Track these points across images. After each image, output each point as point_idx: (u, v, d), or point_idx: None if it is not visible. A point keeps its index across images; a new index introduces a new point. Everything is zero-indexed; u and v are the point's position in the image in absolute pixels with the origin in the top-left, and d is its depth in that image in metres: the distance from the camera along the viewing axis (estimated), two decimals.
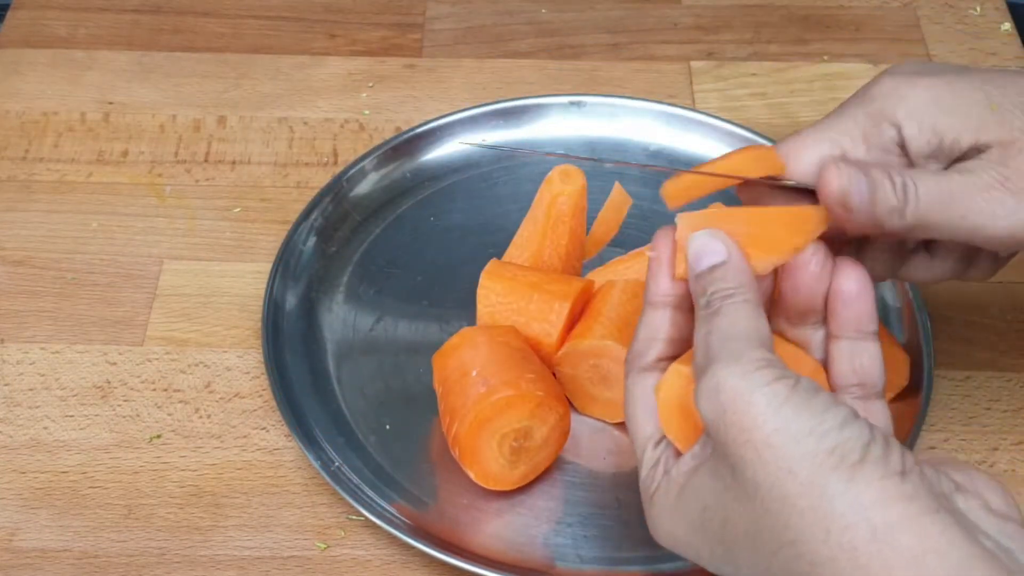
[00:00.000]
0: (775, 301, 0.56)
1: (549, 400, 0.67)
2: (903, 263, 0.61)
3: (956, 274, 0.61)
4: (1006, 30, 0.98)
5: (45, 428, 0.73)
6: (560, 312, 0.71)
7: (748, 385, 0.48)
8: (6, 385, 0.75)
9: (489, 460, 0.67)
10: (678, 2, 1.01)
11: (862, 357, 0.54)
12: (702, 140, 0.86)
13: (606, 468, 0.71)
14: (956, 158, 0.57)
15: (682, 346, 0.56)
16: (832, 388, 0.55)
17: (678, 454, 0.53)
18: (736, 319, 0.51)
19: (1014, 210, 0.55)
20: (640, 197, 0.82)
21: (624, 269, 0.76)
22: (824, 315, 0.55)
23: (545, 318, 0.71)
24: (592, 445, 0.72)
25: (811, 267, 0.54)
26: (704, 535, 0.51)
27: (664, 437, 0.54)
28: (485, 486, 0.68)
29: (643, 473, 0.55)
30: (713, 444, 0.50)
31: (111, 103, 0.92)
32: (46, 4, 1.00)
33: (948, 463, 0.50)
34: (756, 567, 0.49)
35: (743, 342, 0.50)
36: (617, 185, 0.81)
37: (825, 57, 0.96)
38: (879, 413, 0.54)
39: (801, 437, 0.47)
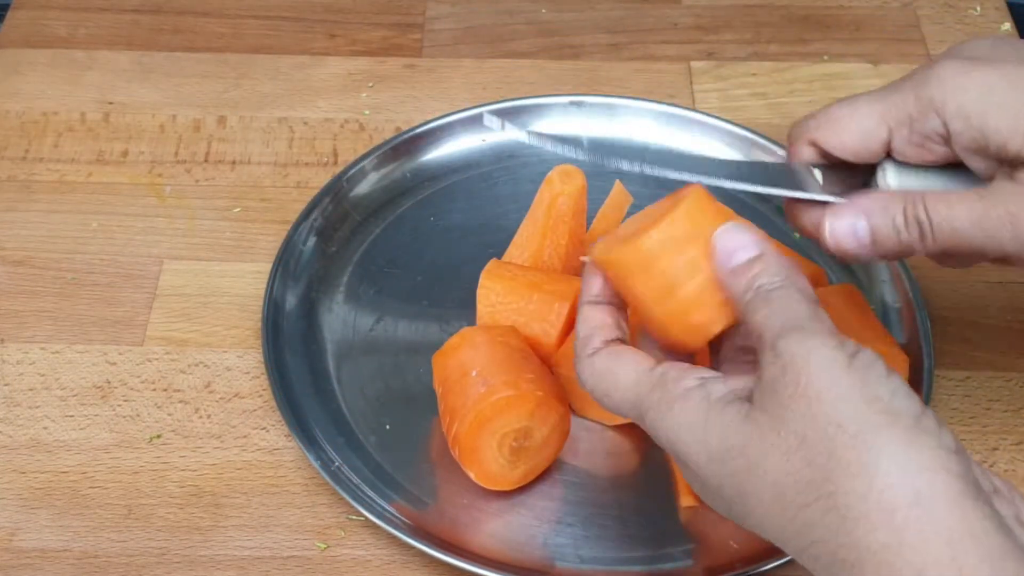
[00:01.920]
0: None
1: (549, 400, 0.67)
2: None
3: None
4: (1006, 30, 0.98)
5: (45, 428, 0.73)
6: (560, 312, 0.71)
7: (808, 349, 0.48)
8: (6, 385, 0.75)
9: (489, 460, 0.67)
10: (678, 2, 1.01)
11: None
12: (702, 140, 0.86)
13: (605, 469, 0.71)
14: (1004, 162, 0.56)
15: (620, 331, 0.57)
16: None
17: (688, 369, 0.53)
18: (793, 303, 0.51)
19: None
20: (640, 196, 0.82)
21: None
22: None
23: (545, 318, 0.71)
24: (591, 446, 0.72)
25: None
26: (718, 468, 0.50)
27: (658, 365, 0.54)
28: (485, 486, 0.68)
29: (648, 391, 0.53)
30: (760, 398, 0.49)
31: (111, 103, 0.92)
32: (46, 4, 1.00)
33: (989, 472, 0.50)
34: (771, 520, 0.49)
35: (806, 318, 0.50)
36: (617, 184, 0.81)
37: (825, 57, 0.96)
38: None
39: (854, 397, 0.47)
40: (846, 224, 0.56)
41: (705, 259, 0.54)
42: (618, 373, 0.55)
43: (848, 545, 0.46)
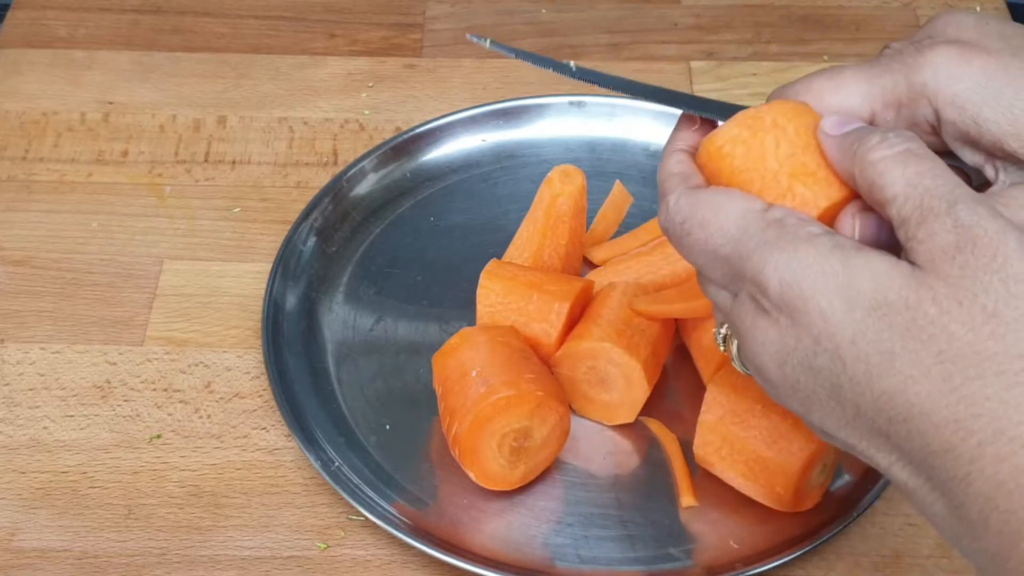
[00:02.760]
0: None
1: (549, 400, 0.67)
2: None
3: None
4: None
5: (45, 428, 0.73)
6: (560, 312, 0.71)
7: (1001, 225, 0.46)
8: (6, 385, 0.75)
9: (489, 460, 0.67)
10: (678, 2, 1.01)
11: None
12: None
13: (605, 469, 0.71)
14: (996, 157, 0.54)
15: None
16: None
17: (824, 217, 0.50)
18: (941, 167, 0.48)
19: None
20: (640, 196, 0.82)
21: (624, 270, 0.76)
22: None
23: (545, 318, 0.71)
24: (591, 446, 0.72)
25: None
26: (864, 318, 0.46)
27: (767, 207, 0.50)
28: (485, 486, 0.68)
29: (761, 228, 0.49)
30: (934, 261, 0.46)
31: (111, 103, 0.92)
32: (46, 4, 1.00)
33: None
34: (920, 381, 0.45)
35: (967, 189, 0.47)
36: (618, 183, 0.81)
37: (825, 57, 0.96)
38: None
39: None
40: (871, 223, 0.51)
41: (805, 137, 0.52)
42: (722, 204, 0.51)
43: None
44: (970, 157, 0.55)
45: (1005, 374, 0.44)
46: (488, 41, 0.60)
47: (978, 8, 1.00)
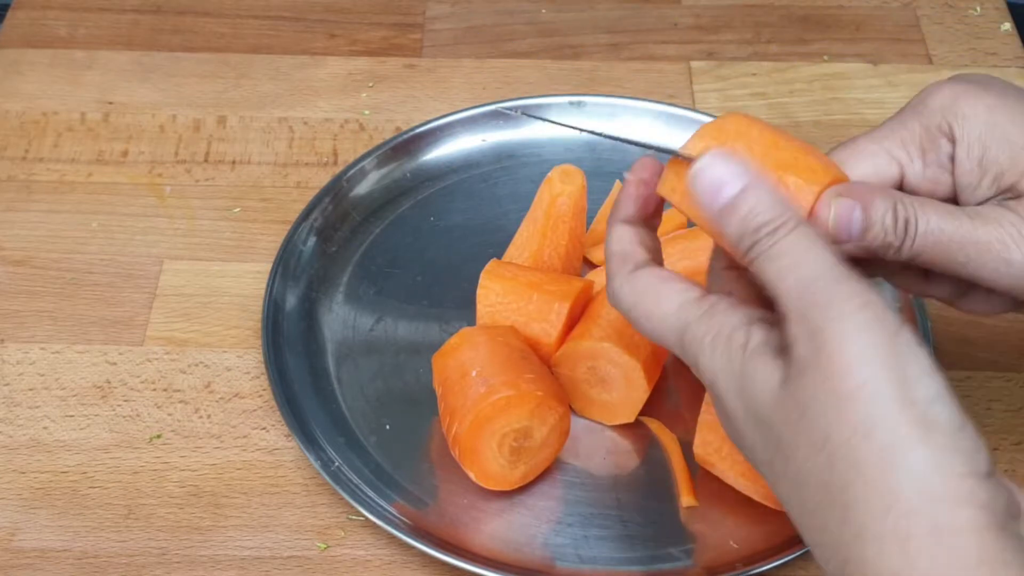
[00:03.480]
0: None
1: (549, 400, 0.67)
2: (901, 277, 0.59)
3: (953, 300, 0.59)
4: (1006, 30, 0.98)
5: (45, 428, 0.73)
6: (560, 312, 0.71)
7: (843, 328, 0.45)
8: (6, 385, 0.75)
9: (489, 460, 0.67)
10: (678, 2, 1.01)
11: None
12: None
13: (605, 469, 0.71)
14: (998, 192, 0.55)
15: (657, 253, 0.55)
16: None
17: (736, 307, 0.50)
18: (802, 256, 0.47)
19: (1021, 268, 0.52)
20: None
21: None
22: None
23: (545, 318, 0.71)
24: (591, 446, 0.72)
25: None
26: (754, 431, 0.48)
27: (707, 295, 0.51)
28: (485, 486, 0.68)
29: (695, 320, 0.50)
30: (792, 372, 0.46)
31: (111, 103, 0.92)
32: (46, 4, 1.00)
33: (1013, 485, 0.47)
34: (792, 501, 0.47)
35: (830, 281, 0.46)
36: (618, 183, 0.81)
37: (825, 57, 0.96)
38: None
39: (889, 399, 0.44)
40: (846, 205, 0.52)
41: (769, 136, 0.51)
42: (662, 296, 0.52)
43: (856, 560, 0.44)
44: (975, 191, 0.55)
45: (835, 507, 0.45)
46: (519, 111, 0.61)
47: (978, 8, 1.00)
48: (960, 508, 0.43)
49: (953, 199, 0.56)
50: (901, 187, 0.56)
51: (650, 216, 0.56)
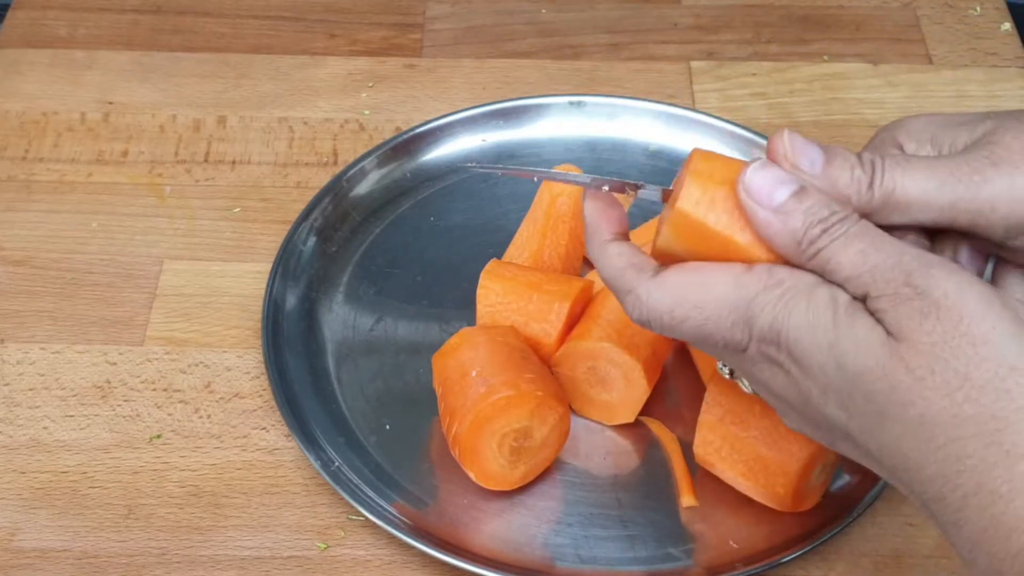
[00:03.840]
0: None
1: (549, 400, 0.67)
2: None
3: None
4: (1006, 30, 0.98)
5: (45, 428, 0.73)
6: (560, 312, 0.71)
7: (959, 285, 0.48)
8: (6, 385, 0.75)
9: (489, 460, 0.67)
10: (678, 2, 1.01)
11: None
12: (702, 140, 0.86)
13: (605, 469, 0.71)
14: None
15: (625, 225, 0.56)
16: None
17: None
18: (878, 237, 0.50)
19: (1008, 184, 0.52)
20: (640, 196, 0.82)
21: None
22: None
23: (545, 318, 0.71)
24: (591, 446, 0.72)
25: None
26: (851, 383, 0.49)
27: (749, 267, 0.52)
28: (485, 486, 0.68)
29: (761, 289, 0.51)
30: (903, 330, 0.48)
31: (111, 103, 0.92)
32: (46, 4, 1.00)
33: None
34: (906, 440, 0.48)
35: (916, 255, 0.49)
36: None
37: (825, 57, 0.96)
38: None
39: (1018, 336, 0.47)
40: (800, 141, 0.53)
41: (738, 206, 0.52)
42: (709, 280, 0.52)
43: (1003, 477, 0.46)
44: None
45: (981, 434, 0.47)
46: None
47: (978, 8, 1.00)
48: None
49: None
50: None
51: (626, 234, 0.57)
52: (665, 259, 0.54)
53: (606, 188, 0.57)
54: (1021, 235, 0.54)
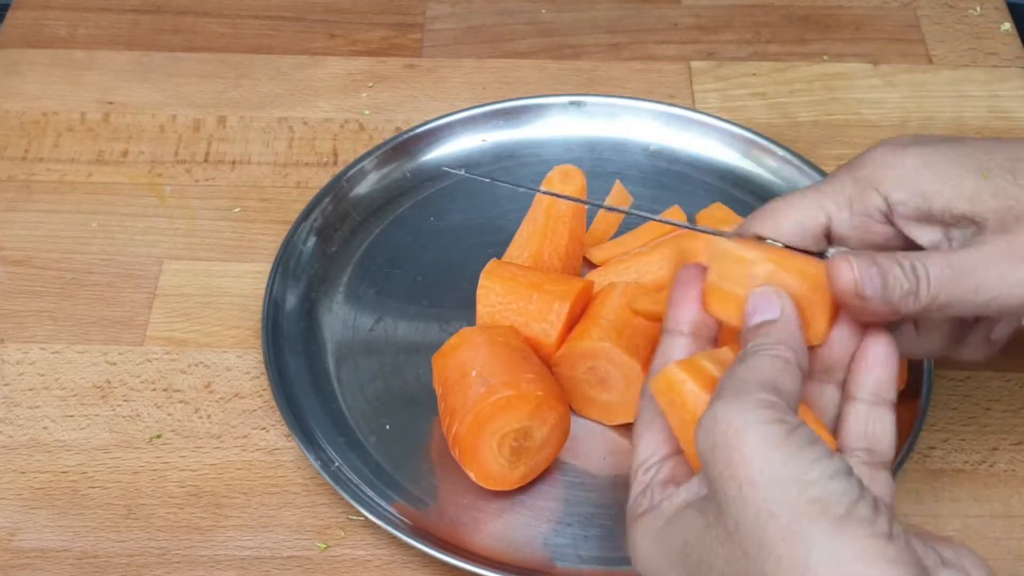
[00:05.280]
0: None
1: (549, 400, 0.67)
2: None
3: (944, 351, 0.61)
4: (1006, 30, 0.98)
5: (45, 428, 0.73)
6: (560, 312, 0.71)
7: (743, 421, 0.47)
8: (6, 385, 0.75)
9: (489, 460, 0.67)
10: (678, 2, 1.01)
11: (875, 424, 0.54)
12: (702, 140, 0.86)
13: (605, 469, 0.71)
14: (950, 225, 0.56)
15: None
16: (839, 450, 0.55)
17: (669, 483, 0.53)
18: (759, 366, 0.51)
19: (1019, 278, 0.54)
20: (640, 196, 0.82)
21: (624, 270, 0.76)
22: (844, 375, 0.55)
23: (545, 318, 0.71)
24: (591, 446, 0.72)
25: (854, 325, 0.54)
26: (679, 570, 0.50)
27: (662, 459, 0.54)
28: (485, 486, 0.68)
29: (632, 495, 0.54)
30: (705, 480, 0.49)
31: (111, 103, 0.92)
32: (46, 4, 1.00)
33: (938, 539, 0.49)
34: None
35: (753, 384, 0.49)
36: (617, 183, 0.81)
37: (825, 57, 0.96)
38: (883, 483, 0.54)
39: (786, 482, 0.46)
40: (864, 262, 0.54)
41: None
42: (643, 437, 0.55)
43: None
44: (926, 236, 0.57)
45: None
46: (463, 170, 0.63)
47: (978, 8, 1.00)
48: (869, 566, 0.44)
49: (889, 247, 0.58)
50: (828, 235, 0.58)
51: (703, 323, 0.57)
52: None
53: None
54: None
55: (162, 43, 0.97)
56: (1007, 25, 0.99)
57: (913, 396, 0.71)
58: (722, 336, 0.57)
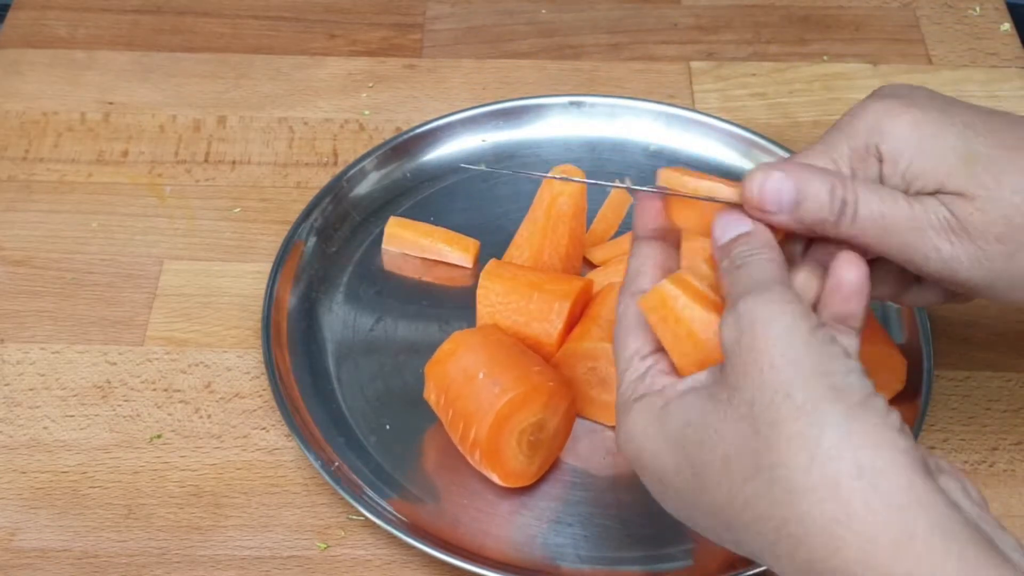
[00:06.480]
0: None
1: (560, 389, 0.67)
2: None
3: (892, 297, 0.61)
4: (1006, 30, 0.98)
5: (45, 428, 0.73)
6: (560, 312, 0.71)
7: (769, 313, 0.48)
8: (6, 385, 0.75)
9: (510, 459, 0.67)
10: (678, 2, 1.01)
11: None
12: (702, 140, 0.86)
13: (605, 469, 0.71)
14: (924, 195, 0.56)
15: (671, 273, 0.56)
16: None
17: (670, 372, 0.53)
18: (763, 269, 0.51)
19: (949, 256, 0.54)
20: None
21: (624, 270, 0.76)
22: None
23: (545, 318, 0.71)
24: (591, 446, 0.72)
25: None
26: (676, 452, 0.51)
27: (652, 352, 0.54)
28: (507, 485, 0.68)
29: (624, 383, 0.54)
30: (722, 369, 0.49)
31: (111, 103, 0.92)
32: (46, 4, 1.00)
33: (933, 454, 0.50)
34: (720, 495, 0.49)
35: (768, 281, 0.50)
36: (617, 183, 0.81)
37: (825, 57, 0.97)
38: None
39: (806, 367, 0.47)
40: (779, 176, 0.54)
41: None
42: (628, 335, 0.55)
43: (794, 519, 0.46)
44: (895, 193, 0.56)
45: (763, 470, 0.47)
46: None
47: (977, 8, 1.00)
48: (881, 450, 0.45)
49: None
50: None
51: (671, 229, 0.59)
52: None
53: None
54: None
55: (162, 43, 0.97)
56: (1007, 25, 0.99)
57: (913, 396, 0.71)
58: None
